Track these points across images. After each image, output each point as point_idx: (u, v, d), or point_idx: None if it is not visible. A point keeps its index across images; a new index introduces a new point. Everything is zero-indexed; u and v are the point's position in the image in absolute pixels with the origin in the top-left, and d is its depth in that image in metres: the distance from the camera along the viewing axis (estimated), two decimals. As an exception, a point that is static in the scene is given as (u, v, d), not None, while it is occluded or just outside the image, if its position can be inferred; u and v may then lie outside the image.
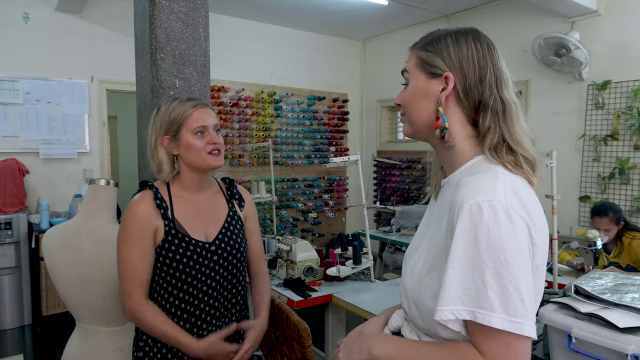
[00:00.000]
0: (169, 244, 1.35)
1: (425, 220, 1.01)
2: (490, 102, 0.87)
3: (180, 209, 1.40)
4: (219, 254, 1.40)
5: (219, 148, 1.41)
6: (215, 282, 1.40)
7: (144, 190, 1.39)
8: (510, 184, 0.81)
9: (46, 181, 4.16)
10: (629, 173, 3.65)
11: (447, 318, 0.77)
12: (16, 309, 3.78)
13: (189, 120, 1.37)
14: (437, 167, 1.00)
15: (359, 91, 6.22)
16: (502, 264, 0.74)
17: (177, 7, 2.00)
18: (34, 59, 4.07)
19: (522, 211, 0.78)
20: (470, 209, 0.77)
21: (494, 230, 0.75)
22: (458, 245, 0.77)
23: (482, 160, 0.87)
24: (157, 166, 1.41)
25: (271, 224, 5.14)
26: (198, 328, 1.38)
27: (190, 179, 1.42)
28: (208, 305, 1.39)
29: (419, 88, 0.91)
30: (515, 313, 0.73)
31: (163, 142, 1.39)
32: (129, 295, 1.33)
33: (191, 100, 1.41)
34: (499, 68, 0.89)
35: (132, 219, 1.34)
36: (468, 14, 4.79)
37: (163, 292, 1.38)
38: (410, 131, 0.95)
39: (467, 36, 0.89)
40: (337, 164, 2.64)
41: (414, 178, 5.42)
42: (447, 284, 0.77)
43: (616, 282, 1.50)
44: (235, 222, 1.49)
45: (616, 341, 1.21)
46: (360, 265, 2.49)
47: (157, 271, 1.37)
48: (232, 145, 5.00)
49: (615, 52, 3.72)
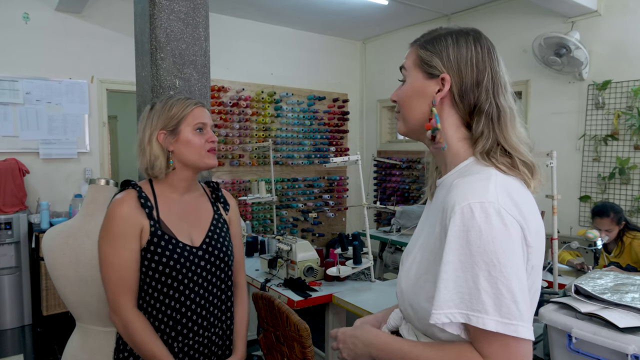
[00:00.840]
0: (155, 245, 1.28)
1: (422, 221, 1.01)
2: (485, 106, 0.86)
3: (166, 209, 1.34)
4: (207, 258, 1.36)
5: (215, 147, 1.40)
6: (203, 289, 1.34)
7: (127, 190, 1.33)
8: (503, 186, 0.80)
9: (46, 181, 4.16)
10: (629, 173, 3.65)
11: (442, 322, 0.77)
12: (16, 309, 3.78)
13: (190, 116, 1.35)
14: (433, 167, 1.00)
15: (359, 91, 6.22)
16: (495, 266, 0.74)
17: (177, 6, 2.00)
18: (34, 59, 4.07)
19: (515, 212, 0.77)
20: (462, 211, 0.76)
21: (485, 232, 0.74)
22: (450, 248, 0.77)
23: (475, 162, 0.86)
24: (150, 162, 1.33)
25: (271, 223, 5.14)
26: (184, 337, 1.31)
27: (181, 178, 1.37)
28: (196, 313, 1.32)
29: (416, 87, 0.90)
30: (509, 315, 0.73)
31: (159, 137, 1.34)
32: (118, 305, 1.25)
33: (190, 99, 1.41)
34: (497, 72, 0.88)
35: (116, 219, 1.27)
36: (468, 14, 4.79)
37: (149, 298, 1.30)
38: (404, 129, 0.95)
39: (467, 37, 0.88)
40: (337, 164, 2.64)
41: (414, 178, 5.42)
42: (440, 288, 0.77)
43: (616, 282, 1.50)
44: (222, 226, 1.45)
45: (616, 341, 1.21)
46: (360, 265, 2.49)
47: (141, 276, 1.30)
48: (232, 145, 5.00)
49: (616, 52, 3.72)
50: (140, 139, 1.37)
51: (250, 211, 5.13)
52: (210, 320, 1.35)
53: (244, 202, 3.60)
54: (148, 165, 1.34)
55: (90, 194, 1.71)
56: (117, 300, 1.25)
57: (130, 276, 1.26)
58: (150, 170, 1.34)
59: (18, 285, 3.78)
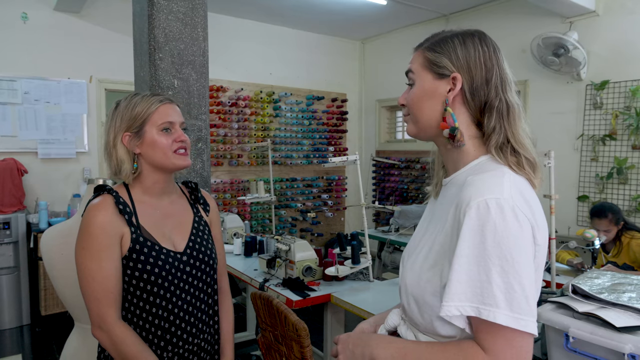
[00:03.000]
0: (137, 253, 1.21)
1: (426, 218, 1.01)
2: (495, 103, 0.88)
3: (145, 215, 1.26)
4: (192, 264, 1.29)
5: (186, 147, 1.29)
6: (190, 295, 1.28)
7: (103, 195, 1.24)
8: (516, 184, 0.82)
9: (45, 181, 4.16)
10: (627, 173, 3.66)
11: (452, 314, 0.78)
12: (15, 309, 3.78)
13: (155, 116, 1.25)
14: (439, 166, 1.02)
15: (358, 91, 6.22)
16: (508, 261, 0.75)
17: (176, 7, 2.00)
18: (32, 59, 4.07)
19: (527, 211, 0.79)
20: (478, 207, 0.78)
21: (500, 228, 0.76)
22: (465, 242, 0.78)
23: (488, 160, 0.88)
24: (116, 166, 1.26)
25: (270, 223, 5.14)
26: (173, 346, 1.26)
27: (154, 180, 1.29)
28: (184, 321, 1.26)
29: (426, 88, 0.92)
30: (520, 310, 0.74)
31: (123, 140, 1.25)
32: (104, 319, 1.17)
33: (156, 95, 1.30)
34: (503, 70, 0.91)
35: (94, 228, 1.18)
36: (467, 14, 4.80)
37: (133, 308, 1.24)
38: (415, 130, 0.96)
39: (473, 38, 0.91)
40: (336, 163, 2.65)
41: (413, 178, 5.43)
42: (453, 280, 0.78)
43: (613, 281, 1.51)
44: (203, 228, 1.38)
45: (613, 340, 1.22)
46: (358, 265, 2.49)
47: (124, 285, 1.23)
48: (231, 145, 5.00)
49: (614, 52, 3.73)
50: (105, 141, 1.29)
51: (249, 211, 5.13)
52: (198, 327, 1.30)
53: (242, 201, 3.61)
54: (115, 169, 1.27)
55: (88, 194, 1.71)
56: (101, 314, 1.17)
57: (115, 288, 1.19)
58: (118, 174, 1.27)
59: (16, 285, 3.78)
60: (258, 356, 3.24)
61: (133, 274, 1.22)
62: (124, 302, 1.24)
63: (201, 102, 2.09)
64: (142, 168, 1.28)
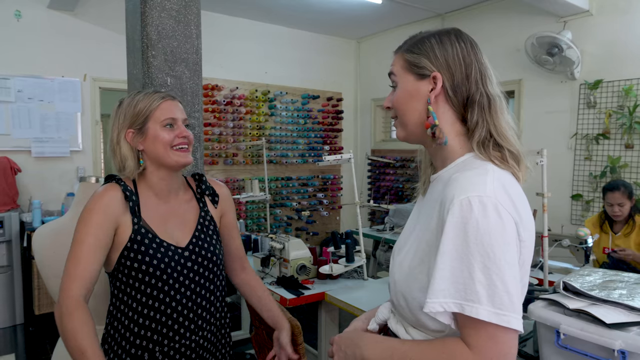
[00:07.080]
0: (138, 244, 1.22)
1: (414, 215, 1.03)
2: (477, 97, 0.89)
3: (148, 209, 1.27)
4: (193, 259, 1.29)
5: (188, 143, 1.30)
6: (190, 291, 1.28)
7: (111, 183, 1.26)
8: (500, 181, 0.82)
9: (38, 179, 4.14)
10: (620, 171, 3.68)
11: (436, 310, 0.79)
12: (8, 308, 3.76)
13: (157, 112, 1.27)
14: (426, 163, 1.03)
15: (354, 90, 6.22)
16: (490, 257, 0.76)
17: (169, 4, 2.00)
18: (26, 57, 4.04)
19: (510, 208, 0.79)
20: (461, 204, 0.78)
21: (482, 225, 0.76)
22: (448, 239, 0.79)
23: (473, 157, 0.89)
24: (120, 163, 1.28)
25: (265, 222, 5.14)
26: (170, 340, 1.25)
27: (159, 177, 1.30)
28: (182, 316, 1.26)
29: (408, 90, 0.93)
30: (502, 306, 0.75)
31: (127, 136, 1.27)
32: (67, 289, 1.13)
33: (159, 92, 1.32)
34: (482, 64, 0.91)
35: (96, 205, 1.20)
36: (462, 13, 4.81)
37: (131, 300, 1.24)
38: (404, 134, 0.97)
39: (450, 36, 0.92)
40: (330, 162, 2.65)
41: (408, 177, 5.44)
42: (436, 277, 0.79)
43: (605, 278, 1.51)
44: (209, 224, 1.37)
45: (603, 337, 1.22)
46: (353, 264, 2.49)
47: (123, 278, 1.23)
48: (226, 143, 4.99)
49: (607, 51, 3.74)
50: (110, 139, 1.31)
51: (244, 210, 5.13)
52: (198, 324, 1.29)
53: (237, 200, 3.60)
54: (120, 166, 1.29)
55: (80, 192, 1.70)
56: (69, 285, 1.14)
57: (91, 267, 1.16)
58: (122, 171, 1.29)
59: (10, 284, 3.76)
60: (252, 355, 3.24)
61: (132, 266, 1.22)
62: (123, 295, 1.25)
63: (194, 100, 2.09)
64: (146, 165, 1.30)
